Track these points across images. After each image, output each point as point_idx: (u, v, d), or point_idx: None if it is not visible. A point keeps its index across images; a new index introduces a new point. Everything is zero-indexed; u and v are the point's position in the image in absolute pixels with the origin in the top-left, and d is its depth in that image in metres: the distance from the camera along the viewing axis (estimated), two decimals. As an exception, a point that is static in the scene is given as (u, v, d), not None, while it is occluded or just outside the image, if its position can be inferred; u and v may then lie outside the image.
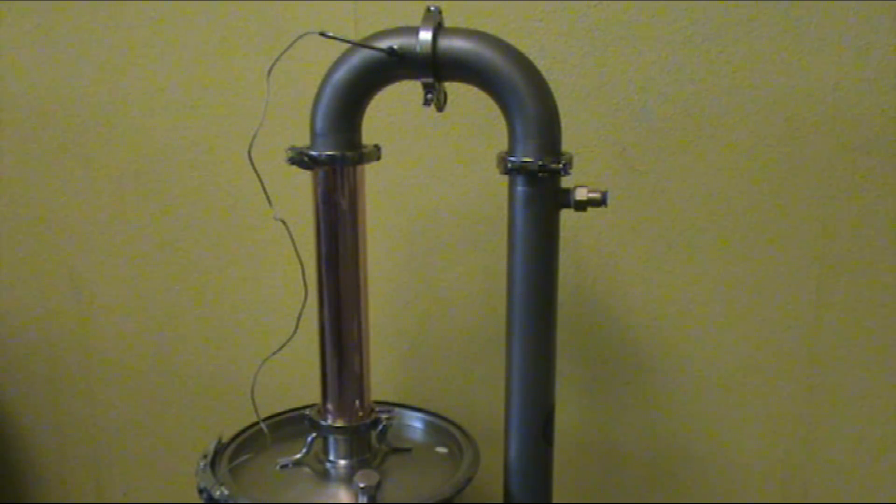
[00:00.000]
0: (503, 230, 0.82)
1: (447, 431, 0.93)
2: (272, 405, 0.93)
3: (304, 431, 0.88)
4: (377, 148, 0.84)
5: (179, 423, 1.28)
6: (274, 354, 0.88)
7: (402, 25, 0.78)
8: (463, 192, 1.09)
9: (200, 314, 1.22)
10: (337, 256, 0.83)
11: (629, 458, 1.14)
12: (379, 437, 0.89)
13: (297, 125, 1.02)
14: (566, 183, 0.79)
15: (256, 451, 0.89)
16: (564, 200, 0.79)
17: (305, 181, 0.83)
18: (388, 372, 1.17)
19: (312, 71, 0.83)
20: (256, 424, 0.90)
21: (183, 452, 1.29)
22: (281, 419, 0.93)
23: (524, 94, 0.76)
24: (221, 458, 0.86)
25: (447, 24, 0.79)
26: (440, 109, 0.82)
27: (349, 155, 0.80)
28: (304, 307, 0.83)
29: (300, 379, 1.18)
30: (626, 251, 1.07)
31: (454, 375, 1.16)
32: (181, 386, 1.26)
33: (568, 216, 0.81)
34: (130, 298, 1.24)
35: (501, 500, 0.87)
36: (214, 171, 1.16)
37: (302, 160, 0.79)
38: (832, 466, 1.09)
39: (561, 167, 0.77)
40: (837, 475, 1.10)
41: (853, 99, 0.98)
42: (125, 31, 1.14)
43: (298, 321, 0.83)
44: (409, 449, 0.91)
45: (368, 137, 0.83)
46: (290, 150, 0.80)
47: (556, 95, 0.78)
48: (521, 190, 0.78)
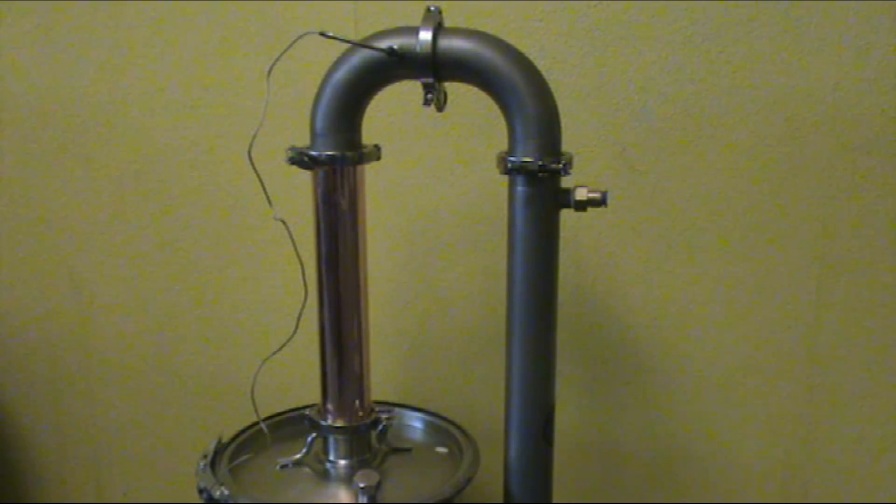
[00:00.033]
0: (503, 230, 0.82)
1: (447, 431, 0.93)
2: (272, 405, 0.93)
3: (304, 431, 0.88)
4: (377, 148, 0.84)
5: (179, 423, 1.28)
6: (274, 354, 0.88)
7: (402, 25, 0.78)
8: (463, 192, 1.09)
9: (200, 314, 1.22)
10: (337, 256, 0.83)
11: (629, 458, 1.14)
12: (379, 437, 0.89)
13: (297, 125, 1.01)
14: (566, 183, 0.79)
15: (256, 451, 0.89)
16: (564, 200, 0.79)
17: (305, 181, 0.83)
18: (388, 372, 1.17)
19: (312, 71, 0.83)
20: (256, 424, 0.90)
21: (183, 452, 1.29)
22: (281, 419, 0.93)
23: (524, 94, 0.76)
24: (221, 458, 0.86)
25: (447, 24, 0.79)
26: (440, 109, 0.82)
27: (349, 155, 0.80)
28: (304, 307, 0.83)
29: (300, 379, 1.18)
30: (626, 251, 1.07)
31: (454, 375, 1.16)
32: (181, 386, 1.26)
33: (568, 216, 0.81)
34: (130, 298, 1.24)
35: (501, 500, 0.87)
36: (214, 171, 1.16)
37: (302, 160, 0.79)
38: (832, 466, 1.09)
39: (561, 167, 0.77)
40: (837, 475, 1.10)
41: (853, 99, 0.98)
42: (125, 31, 1.14)
43: (298, 321, 0.83)
44: (409, 449, 0.90)
45: (368, 137, 0.83)
46: (290, 150, 0.80)
47: (556, 95, 0.78)
48: (521, 190, 0.78)
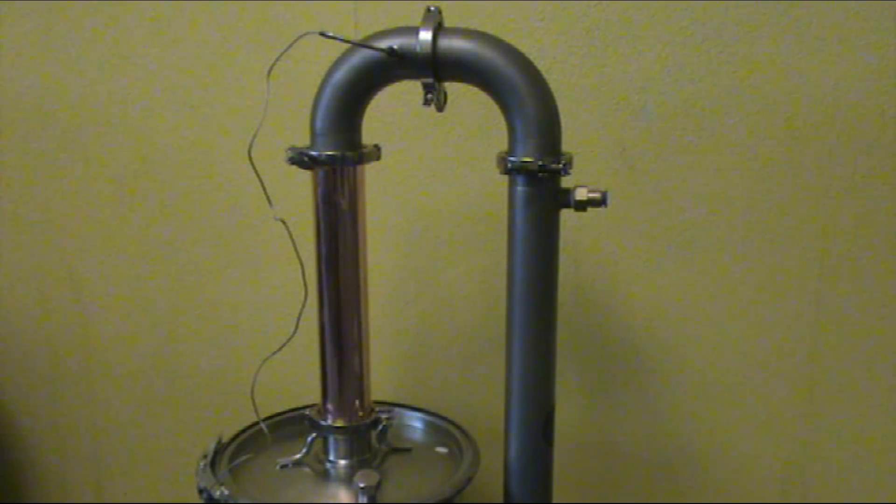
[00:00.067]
0: (503, 230, 0.82)
1: (447, 431, 0.93)
2: (272, 405, 0.93)
3: (304, 431, 0.88)
4: (377, 148, 0.84)
5: (179, 423, 1.27)
6: (274, 354, 0.87)
7: (402, 25, 0.78)
8: (463, 192, 1.09)
9: (200, 314, 1.22)
10: (337, 256, 0.83)
11: (629, 458, 1.14)
12: (379, 437, 0.89)
13: (297, 125, 1.02)
14: (566, 183, 0.79)
15: (256, 451, 0.89)
16: (564, 200, 0.79)
17: (305, 181, 0.83)
18: (388, 372, 1.17)
19: (312, 71, 0.83)
20: (256, 424, 0.90)
21: (183, 452, 1.29)
22: (281, 419, 0.93)
23: (524, 94, 0.76)
24: (221, 458, 0.86)
25: (447, 24, 0.79)
26: (440, 109, 0.82)
27: (349, 155, 0.80)
28: (304, 307, 0.83)
29: (300, 379, 1.18)
30: (626, 251, 1.07)
31: (454, 375, 1.16)
32: (181, 386, 1.26)
33: (568, 216, 0.81)
34: (130, 298, 1.24)
35: (501, 500, 0.87)
36: (214, 171, 1.16)
37: (302, 160, 0.79)
38: (832, 466, 1.09)
39: (561, 167, 0.77)
40: (837, 475, 1.10)
41: (853, 99, 0.98)
42: (125, 31, 1.13)
43: (298, 321, 0.83)
44: (409, 449, 0.91)
45: (368, 137, 0.83)
46: (290, 150, 0.80)
47: (556, 95, 0.78)
48: (521, 190, 0.78)
